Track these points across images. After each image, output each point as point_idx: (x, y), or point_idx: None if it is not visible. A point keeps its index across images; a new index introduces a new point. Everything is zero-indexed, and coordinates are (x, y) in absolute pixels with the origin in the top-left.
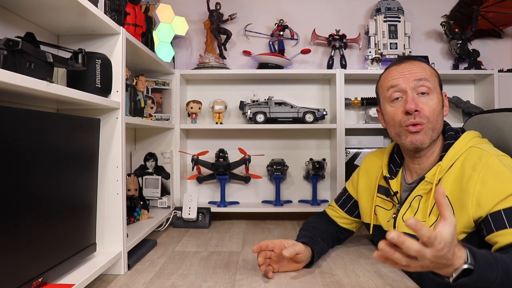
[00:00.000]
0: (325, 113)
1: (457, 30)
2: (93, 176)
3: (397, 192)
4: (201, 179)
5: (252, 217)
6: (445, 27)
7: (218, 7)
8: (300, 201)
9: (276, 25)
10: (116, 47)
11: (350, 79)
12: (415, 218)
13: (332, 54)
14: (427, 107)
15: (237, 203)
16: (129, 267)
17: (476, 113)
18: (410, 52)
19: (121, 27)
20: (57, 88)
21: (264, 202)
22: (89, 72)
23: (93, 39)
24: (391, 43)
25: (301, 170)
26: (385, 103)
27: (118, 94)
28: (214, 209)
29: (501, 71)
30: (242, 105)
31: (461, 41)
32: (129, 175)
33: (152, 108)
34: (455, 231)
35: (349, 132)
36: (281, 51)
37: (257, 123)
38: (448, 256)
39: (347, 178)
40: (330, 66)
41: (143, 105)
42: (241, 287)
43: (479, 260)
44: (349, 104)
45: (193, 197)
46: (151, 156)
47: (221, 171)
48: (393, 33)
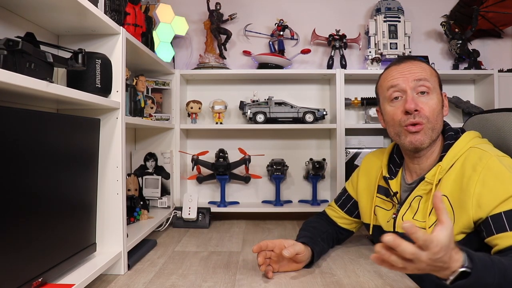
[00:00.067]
0: (325, 113)
1: (457, 30)
2: (93, 176)
3: (396, 192)
4: (201, 179)
5: (252, 217)
6: (445, 27)
7: (218, 7)
8: (300, 201)
9: (276, 25)
10: (116, 47)
11: (350, 79)
12: (411, 221)
13: (332, 54)
14: (427, 107)
15: (237, 203)
16: (129, 267)
17: (476, 113)
18: (410, 52)
19: (121, 27)
20: (57, 88)
21: (264, 202)
22: (89, 72)
23: (93, 39)
24: (391, 43)
25: (301, 170)
26: (384, 103)
27: (118, 94)
28: (214, 209)
29: (501, 71)
30: (242, 105)
31: (461, 41)
32: (129, 175)
33: (152, 108)
34: (452, 234)
35: (349, 132)
36: (281, 51)
37: (257, 123)
38: (444, 259)
39: (347, 178)
40: (330, 66)
41: (143, 105)
42: (241, 287)
43: (477, 263)
44: (349, 104)
45: (193, 197)
46: (151, 156)
47: (221, 171)
48: (393, 33)
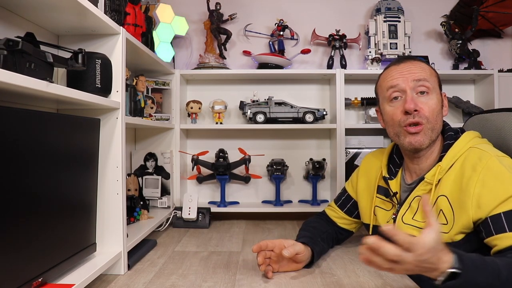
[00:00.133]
0: (325, 113)
1: (457, 30)
2: (93, 176)
3: (396, 192)
4: (201, 179)
5: (252, 217)
6: (445, 27)
7: (218, 7)
8: (300, 201)
9: (276, 25)
10: (116, 47)
11: (350, 79)
12: (391, 224)
13: (332, 54)
14: (427, 107)
15: (237, 203)
16: (129, 267)
17: (476, 113)
18: (410, 52)
19: (121, 27)
20: (57, 88)
21: (264, 202)
22: (89, 72)
23: (93, 39)
24: (391, 43)
25: (301, 170)
26: (384, 103)
27: (118, 94)
28: (214, 209)
29: (501, 71)
30: (242, 105)
31: (461, 41)
32: (129, 175)
33: (152, 108)
34: (439, 237)
35: (349, 132)
36: (281, 51)
37: (257, 123)
38: (432, 260)
39: (347, 178)
40: (330, 66)
41: (143, 105)
42: (241, 287)
43: (467, 264)
44: (349, 104)
45: (193, 197)
46: (151, 156)
47: (221, 171)
48: (393, 33)
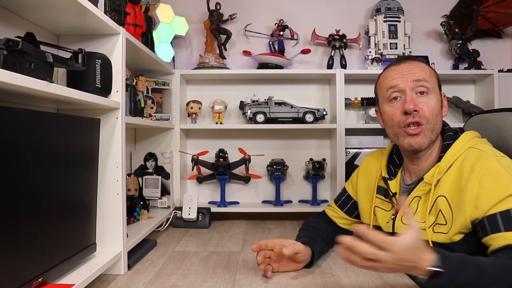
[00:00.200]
0: (325, 113)
1: (457, 30)
2: (93, 176)
3: (395, 193)
4: (201, 179)
5: (252, 217)
6: (445, 27)
7: (218, 7)
8: (300, 201)
9: (276, 25)
10: (116, 47)
11: (350, 79)
12: (364, 225)
13: (332, 54)
14: (426, 107)
15: (237, 203)
16: (129, 267)
17: (476, 113)
18: (410, 52)
19: (121, 27)
20: (57, 88)
21: (264, 202)
22: (89, 72)
23: (93, 39)
24: (391, 43)
25: (301, 170)
26: (384, 103)
27: (118, 94)
28: (214, 209)
29: (501, 71)
30: (242, 105)
31: (461, 41)
32: (129, 175)
33: (152, 108)
34: (419, 237)
35: (349, 132)
36: (281, 51)
37: (257, 123)
38: (412, 259)
39: (347, 178)
40: (330, 66)
41: (143, 105)
42: (241, 287)
43: (449, 262)
44: (349, 104)
45: (193, 197)
46: (151, 156)
47: (221, 171)
48: (393, 33)
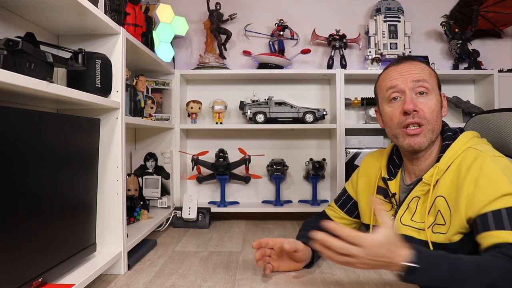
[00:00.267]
0: (325, 113)
1: (457, 30)
2: (93, 176)
3: (395, 193)
4: (201, 179)
5: (252, 217)
6: (445, 27)
7: (218, 7)
8: (300, 201)
9: (276, 25)
10: (116, 47)
11: (350, 79)
12: (335, 222)
13: (332, 54)
14: (426, 107)
15: (237, 203)
16: (129, 267)
17: (477, 113)
18: (410, 52)
19: (121, 27)
20: (57, 88)
21: (264, 202)
22: (89, 72)
23: (93, 39)
24: (391, 43)
25: (301, 170)
26: (383, 103)
27: (118, 94)
28: (214, 209)
29: (501, 71)
30: (242, 105)
31: (461, 41)
32: (129, 175)
33: (152, 108)
34: (393, 233)
35: (349, 132)
36: (281, 51)
37: (257, 123)
38: (387, 255)
39: (347, 178)
40: (330, 66)
41: (143, 105)
42: (241, 287)
43: (425, 258)
44: (349, 104)
45: (193, 197)
46: (151, 156)
47: (221, 171)
48: (393, 33)
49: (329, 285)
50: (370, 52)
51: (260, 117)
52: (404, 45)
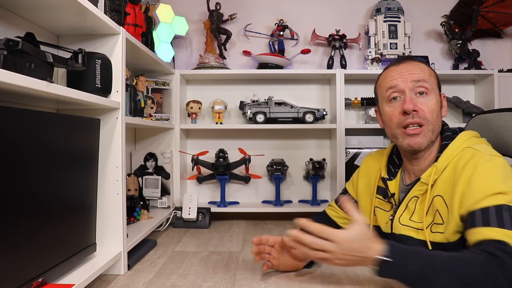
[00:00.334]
0: (325, 113)
1: (457, 30)
2: (93, 176)
3: (394, 193)
4: (201, 179)
5: (252, 217)
6: (445, 27)
7: (218, 7)
8: (300, 201)
9: (276, 25)
10: (116, 47)
11: (350, 79)
12: (305, 219)
13: (332, 54)
14: (426, 107)
15: (237, 203)
16: (129, 267)
17: (477, 113)
18: (410, 52)
19: (121, 27)
20: (57, 88)
21: (264, 202)
22: (89, 72)
23: (93, 39)
24: (391, 43)
25: (301, 170)
26: (383, 103)
27: (118, 94)
28: (214, 209)
29: (501, 71)
30: (242, 105)
31: (461, 41)
32: (129, 175)
33: (152, 108)
34: (365, 229)
35: (349, 132)
36: (281, 51)
37: (257, 123)
38: (360, 249)
39: (347, 178)
40: (330, 66)
41: (143, 105)
42: (241, 287)
43: (398, 252)
44: (349, 104)
45: (193, 197)
46: (151, 156)
47: (221, 171)
48: (393, 33)
49: (329, 285)
50: (370, 52)
51: (260, 117)
52: (404, 45)
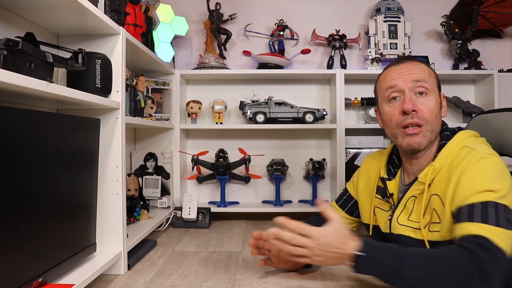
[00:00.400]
0: (325, 113)
1: (457, 30)
2: (93, 176)
3: (392, 194)
4: (201, 179)
5: (252, 217)
6: (445, 27)
7: (218, 7)
8: (300, 201)
9: (276, 25)
10: (116, 47)
11: (350, 79)
12: (284, 217)
13: (332, 54)
14: (425, 107)
15: (237, 203)
16: (129, 267)
17: (477, 113)
18: (410, 52)
19: (121, 27)
20: (57, 88)
21: (264, 202)
22: (89, 72)
23: (93, 39)
24: (391, 43)
25: (301, 170)
26: (383, 103)
27: (118, 94)
28: (214, 209)
29: (501, 71)
30: (242, 105)
31: (461, 41)
32: (129, 175)
33: (152, 108)
34: (341, 226)
35: (349, 132)
36: (281, 51)
37: (257, 123)
38: (337, 245)
39: (347, 178)
40: (330, 66)
41: (143, 105)
42: (241, 287)
43: (372, 247)
44: (349, 104)
45: (193, 197)
46: (151, 156)
47: (221, 171)
48: (393, 33)
49: (329, 285)
50: (370, 52)
51: (260, 117)
52: (404, 45)
